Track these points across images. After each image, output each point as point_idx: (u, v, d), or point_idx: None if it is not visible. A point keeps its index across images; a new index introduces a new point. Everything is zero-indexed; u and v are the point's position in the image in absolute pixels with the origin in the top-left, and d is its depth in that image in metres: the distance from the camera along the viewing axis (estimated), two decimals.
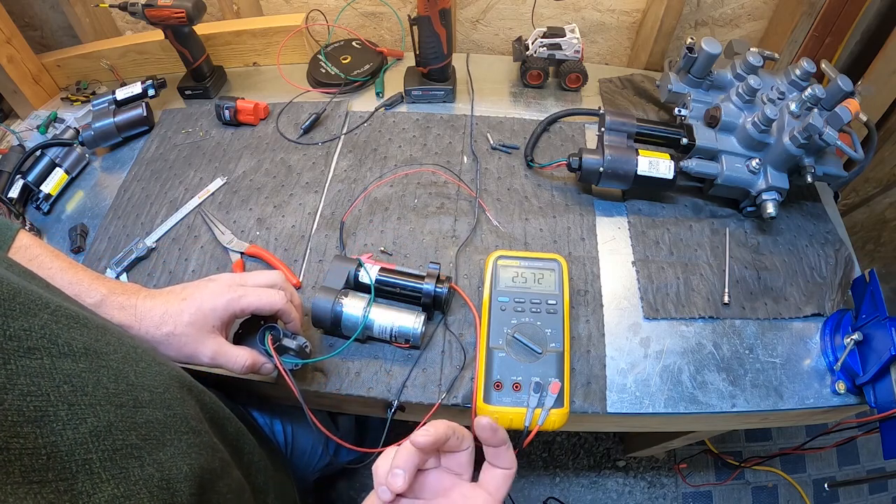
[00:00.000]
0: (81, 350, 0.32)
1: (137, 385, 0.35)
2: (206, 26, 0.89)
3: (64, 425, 0.28)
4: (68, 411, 0.28)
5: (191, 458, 0.36)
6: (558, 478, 1.30)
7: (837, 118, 0.62)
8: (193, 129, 0.85)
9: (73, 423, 0.28)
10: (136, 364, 0.36)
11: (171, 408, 0.37)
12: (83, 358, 0.31)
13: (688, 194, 0.75)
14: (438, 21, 0.75)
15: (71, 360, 0.30)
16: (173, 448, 0.34)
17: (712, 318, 0.64)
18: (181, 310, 0.48)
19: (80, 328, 0.33)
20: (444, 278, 0.61)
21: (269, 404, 0.70)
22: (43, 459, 0.26)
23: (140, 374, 0.36)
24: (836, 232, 0.72)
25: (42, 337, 0.29)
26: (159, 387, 0.37)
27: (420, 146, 0.80)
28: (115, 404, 0.32)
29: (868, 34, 0.86)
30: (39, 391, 0.27)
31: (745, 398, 0.58)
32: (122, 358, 0.35)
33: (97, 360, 0.32)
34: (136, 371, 0.35)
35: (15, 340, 0.27)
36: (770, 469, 1.30)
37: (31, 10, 0.95)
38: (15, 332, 0.28)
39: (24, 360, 0.27)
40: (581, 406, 0.57)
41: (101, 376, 0.32)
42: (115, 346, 0.35)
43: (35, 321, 0.29)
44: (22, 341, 0.28)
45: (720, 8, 0.90)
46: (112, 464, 0.30)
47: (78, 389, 0.30)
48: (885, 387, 0.53)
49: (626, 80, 0.90)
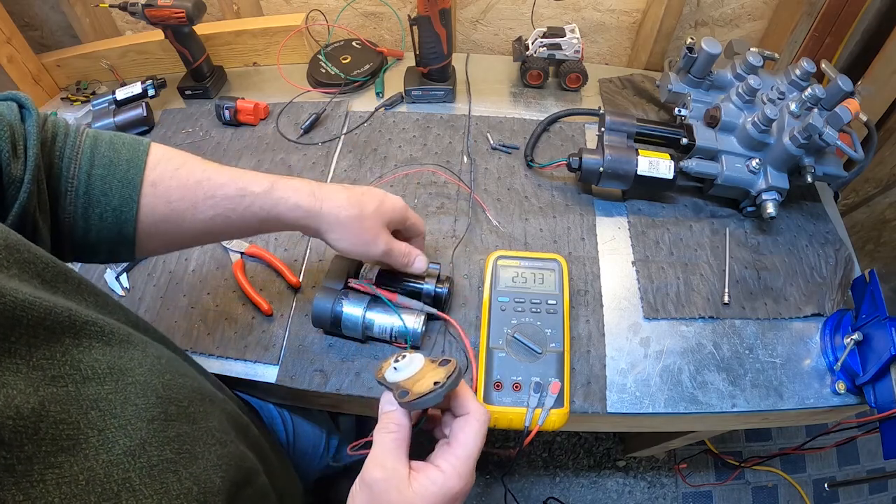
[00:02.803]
0: (106, 371, 0.30)
1: (165, 398, 0.34)
2: (206, 26, 0.89)
3: (97, 450, 0.27)
4: (99, 437, 0.28)
5: (222, 469, 0.35)
6: (558, 478, 1.30)
7: (837, 118, 0.62)
8: (193, 129, 0.85)
9: (106, 446, 0.28)
10: (161, 376, 0.35)
11: (197, 422, 0.36)
12: (108, 379, 0.30)
13: (688, 194, 0.75)
14: (438, 21, 0.75)
15: (96, 383, 0.29)
16: (205, 461, 0.34)
17: (712, 318, 0.64)
18: (364, 198, 0.50)
19: (101, 347, 0.31)
20: (445, 278, 0.61)
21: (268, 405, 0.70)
22: (82, 485, 0.26)
23: (167, 387, 0.35)
24: (836, 232, 0.72)
25: (65, 364, 0.28)
26: (184, 400, 0.36)
27: (420, 146, 0.80)
28: (145, 419, 0.31)
29: (868, 34, 0.86)
30: (69, 418, 0.27)
31: (745, 398, 0.58)
32: (147, 371, 0.34)
33: (122, 378, 0.31)
34: (162, 383, 0.34)
35: (39, 370, 0.26)
36: (770, 469, 1.30)
37: (31, 10, 0.95)
38: (38, 361, 0.27)
39: (50, 388, 0.26)
40: (581, 406, 0.57)
41: (129, 394, 0.31)
42: (140, 359, 0.34)
43: (57, 348, 0.28)
44: (46, 370, 0.27)
45: (720, 8, 0.90)
46: (151, 480, 0.29)
47: (106, 413, 0.29)
48: (885, 387, 0.53)
49: (626, 80, 0.90)
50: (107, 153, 0.43)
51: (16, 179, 0.37)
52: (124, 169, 0.43)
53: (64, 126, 0.43)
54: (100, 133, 0.44)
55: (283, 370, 0.60)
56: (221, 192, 0.46)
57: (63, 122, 0.44)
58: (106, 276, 0.67)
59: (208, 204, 0.46)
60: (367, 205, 0.50)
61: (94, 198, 0.42)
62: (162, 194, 0.44)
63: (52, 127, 0.42)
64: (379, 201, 0.52)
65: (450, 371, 0.38)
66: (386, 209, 0.52)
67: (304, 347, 0.61)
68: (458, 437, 0.38)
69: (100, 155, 0.43)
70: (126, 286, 0.67)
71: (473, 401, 0.39)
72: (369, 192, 0.52)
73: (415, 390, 0.37)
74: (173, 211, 0.45)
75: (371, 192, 0.52)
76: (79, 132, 0.43)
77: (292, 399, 0.66)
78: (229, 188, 0.46)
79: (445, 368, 0.39)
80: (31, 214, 0.38)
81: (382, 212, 0.52)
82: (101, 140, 0.44)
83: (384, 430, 0.38)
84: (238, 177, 0.47)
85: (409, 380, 0.39)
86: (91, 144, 0.43)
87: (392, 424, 0.38)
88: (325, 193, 0.49)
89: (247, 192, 0.47)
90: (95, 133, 0.44)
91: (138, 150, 0.44)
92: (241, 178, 0.47)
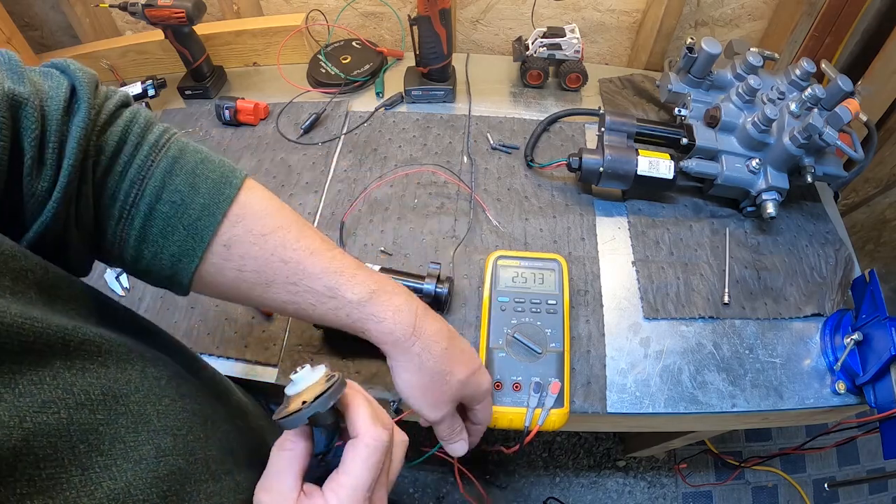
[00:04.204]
0: (99, 397, 0.27)
1: (160, 429, 0.31)
2: (206, 26, 0.89)
3: (78, 492, 0.24)
4: (82, 476, 0.25)
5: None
6: (558, 478, 1.30)
7: (837, 118, 0.62)
8: (193, 129, 0.85)
9: (89, 488, 0.25)
10: (158, 402, 0.32)
11: (194, 453, 0.33)
12: (101, 407, 0.27)
13: (688, 194, 0.75)
14: (438, 21, 0.75)
15: (89, 410, 0.27)
16: (193, 503, 0.31)
17: (712, 318, 0.64)
18: (459, 359, 0.45)
19: (97, 369, 0.28)
20: (445, 278, 0.61)
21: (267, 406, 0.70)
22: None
23: (162, 415, 0.32)
24: (836, 232, 0.72)
25: (56, 388, 0.25)
26: (182, 428, 0.33)
27: (420, 146, 0.80)
28: (132, 461, 0.28)
29: (868, 34, 0.86)
30: (55, 454, 0.24)
31: (745, 398, 0.58)
32: (143, 398, 0.31)
33: (116, 405, 0.28)
34: (157, 411, 0.31)
35: (27, 396, 0.24)
36: (770, 469, 1.30)
37: (31, 10, 0.95)
38: (25, 387, 0.24)
39: (41, 417, 0.24)
40: (581, 406, 0.57)
41: (119, 427, 0.28)
42: (137, 383, 0.31)
43: (46, 372, 0.25)
44: (35, 397, 0.24)
45: (720, 8, 0.90)
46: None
47: (93, 448, 0.26)
48: (885, 387, 0.53)
49: (626, 80, 0.90)
50: (182, 187, 0.35)
51: (39, 194, 0.30)
52: (195, 215, 0.35)
53: (141, 129, 0.35)
54: (187, 152, 0.37)
55: (282, 370, 0.60)
56: (307, 283, 0.39)
57: (144, 120, 0.36)
58: (106, 275, 0.67)
59: (287, 289, 0.39)
60: (457, 370, 0.44)
61: (150, 236, 0.35)
62: (235, 259, 0.37)
63: (126, 126, 0.34)
64: (470, 372, 0.45)
65: (322, 389, 0.32)
66: (469, 387, 0.46)
67: (304, 348, 0.61)
68: (344, 463, 0.33)
69: (173, 188, 0.35)
70: (126, 286, 0.67)
71: (364, 421, 0.33)
72: (467, 355, 0.46)
73: (289, 408, 0.33)
74: (243, 281, 0.38)
75: (468, 357, 0.46)
76: (158, 144, 0.35)
77: None
78: (318, 282, 0.39)
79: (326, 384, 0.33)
80: (56, 234, 0.32)
81: (465, 384, 0.45)
82: (182, 165, 0.36)
83: (280, 446, 0.34)
84: (334, 271, 0.40)
85: (297, 395, 0.34)
86: (167, 168, 0.35)
87: (288, 442, 0.34)
88: (425, 330, 0.42)
89: (338, 296, 0.39)
90: (181, 150, 0.36)
91: (222, 193, 0.36)
92: (337, 275, 0.40)
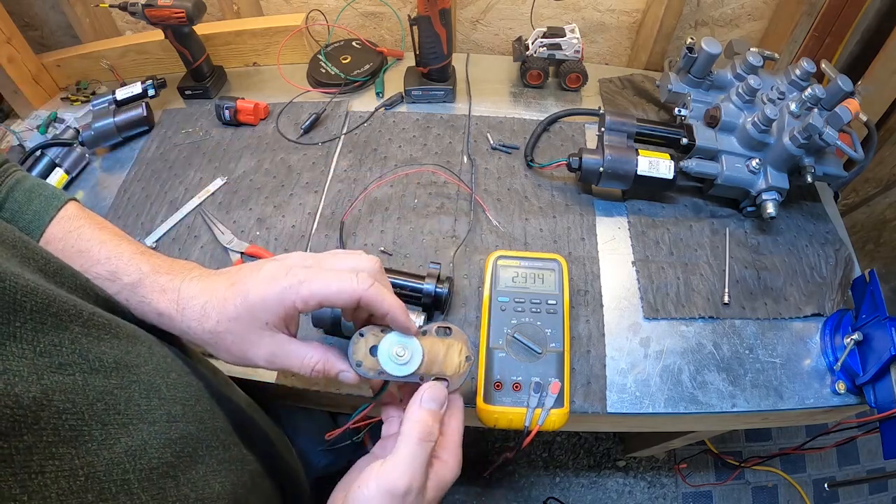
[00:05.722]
0: (112, 365, 0.30)
1: (169, 398, 0.33)
2: (206, 26, 0.89)
3: (99, 445, 0.26)
4: (102, 430, 0.27)
5: (221, 475, 0.34)
6: (558, 478, 1.30)
7: (837, 118, 0.62)
8: (193, 129, 0.85)
9: (108, 442, 0.27)
10: (166, 376, 0.34)
11: (203, 421, 0.35)
12: (114, 373, 0.30)
13: (688, 194, 0.75)
14: (438, 21, 0.75)
15: (102, 375, 0.29)
16: (205, 466, 0.33)
17: (712, 318, 0.64)
18: (225, 299, 0.36)
19: (110, 340, 0.31)
20: (445, 278, 0.61)
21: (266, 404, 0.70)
22: (81, 481, 0.25)
23: (171, 387, 0.34)
24: (836, 232, 0.72)
25: (73, 352, 0.27)
26: (190, 399, 0.35)
27: (420, 146, 0.80)
28: (147, 422, 0.30)
29: (868, 34, 0.86)
30: (74, 408, 0.26)
31: (745, 398, 0.58)
32: (152, 370, 0.33)
33: (128, 374, 0.31)
34: (167, 383, 0.33)
35: (46, 356, 0.26)
36: (770, 469, 1.30)
37: (31, 10, 0.95)
38: (45, 347, 0.26)
39: (56, 377, 0.26)
40: (581, 406, 0.57)
41: (133, 392, 0.30)
42: (146, 356, 0.33)
43: (66, 335, 0.27)
44: (53, 357, 0.26)
45: (720, 8, 0.90)
46: (150, 483, 0.28)
47: (111, 408, 0.28)
48: (885, 387, 0.53)
49: (626, 80, 0.90)
50: (20, 198, 0.41)
51: None
52: (28, 219, 0.41)
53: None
54: (26, 180, 0.43)
55: (282, 370, 0.60)
56: (94, 270, 0.39)
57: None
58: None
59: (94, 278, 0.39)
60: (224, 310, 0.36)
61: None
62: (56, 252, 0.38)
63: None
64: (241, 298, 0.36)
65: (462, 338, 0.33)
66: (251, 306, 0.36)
67: None
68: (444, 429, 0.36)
69: (12, 200, 0.41)
70: None
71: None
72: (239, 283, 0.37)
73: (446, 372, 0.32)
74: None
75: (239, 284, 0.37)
76: (5, 173, 0.41)
77: (292, 399, 0.66)
78: (101, 268, 0.39)
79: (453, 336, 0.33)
80: None
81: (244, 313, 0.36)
82: (21, 187, 0.42)
83: (419, 435, 0.34)
84: (116, 256, 0.39)
85: (422, 365, 0.32)
86: (9, 188, 0.41)
87: (425, 431, 0.34)
88: (185, 299, 0.37)
89: (116, 279, 0.39)
90: (20, 179, 0.42)
91: (52, 204, 0.41)
92: (118, 259, 0.39)
